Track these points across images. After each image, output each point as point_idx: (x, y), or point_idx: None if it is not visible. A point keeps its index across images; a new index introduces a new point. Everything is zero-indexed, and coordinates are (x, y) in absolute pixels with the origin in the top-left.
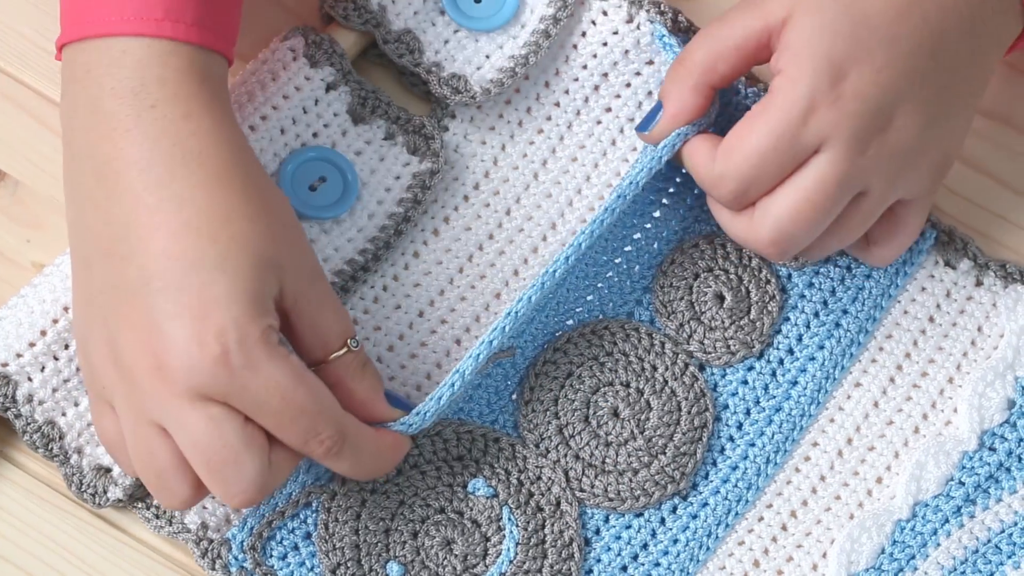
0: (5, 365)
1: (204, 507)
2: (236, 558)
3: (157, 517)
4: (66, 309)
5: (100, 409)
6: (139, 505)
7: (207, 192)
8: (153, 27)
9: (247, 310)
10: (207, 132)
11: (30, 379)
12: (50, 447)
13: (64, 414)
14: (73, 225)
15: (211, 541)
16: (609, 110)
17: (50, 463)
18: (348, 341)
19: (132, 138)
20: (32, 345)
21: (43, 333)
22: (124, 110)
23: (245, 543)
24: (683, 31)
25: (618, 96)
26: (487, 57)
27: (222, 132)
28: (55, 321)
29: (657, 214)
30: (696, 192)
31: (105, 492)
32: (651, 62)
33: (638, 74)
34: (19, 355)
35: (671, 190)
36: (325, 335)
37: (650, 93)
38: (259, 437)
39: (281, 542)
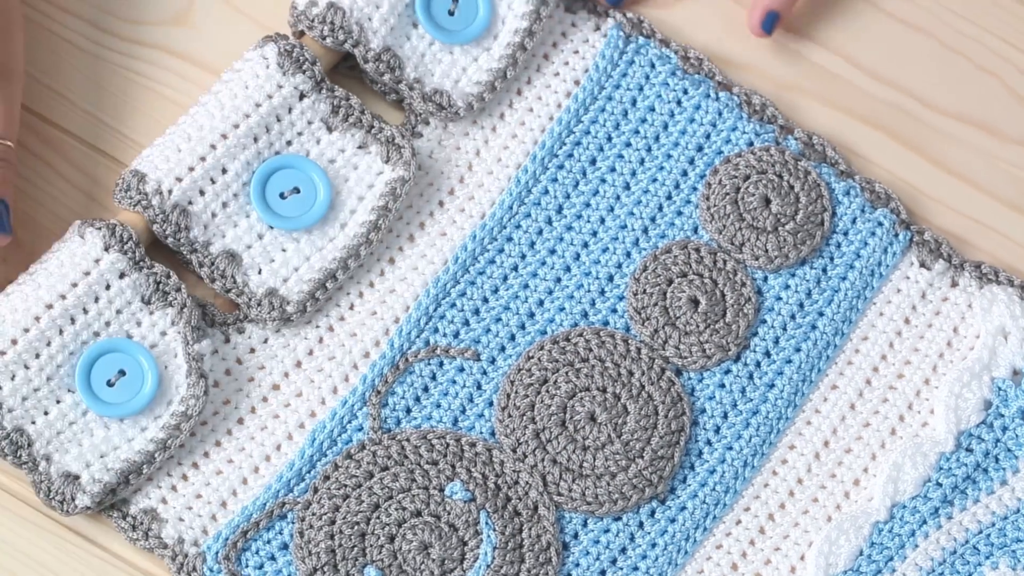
0: None
1: (181, 520)
2: (211, 569)
3: (133, 528)
4: (37, 319)
5: None
6: (114, 515)
7: None
8: None
9: None
10: None
11: (0, 387)
12: (19, 454)
13: (33, 422)
14: None
15: (186, 555)
16: None
17: (22, 475)
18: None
19: None
20: (2, 354)
21: (14, 342)
22: None
23: (219, 553)
24: (647, 37)
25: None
26: (464, 70)
27: None
28: (26, 330)
29: (627, 222)
30: (668, 198)
31: (73, 499)
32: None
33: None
34: None
35: (641, 197)
36: None
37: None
38: None
39: (257, 552)
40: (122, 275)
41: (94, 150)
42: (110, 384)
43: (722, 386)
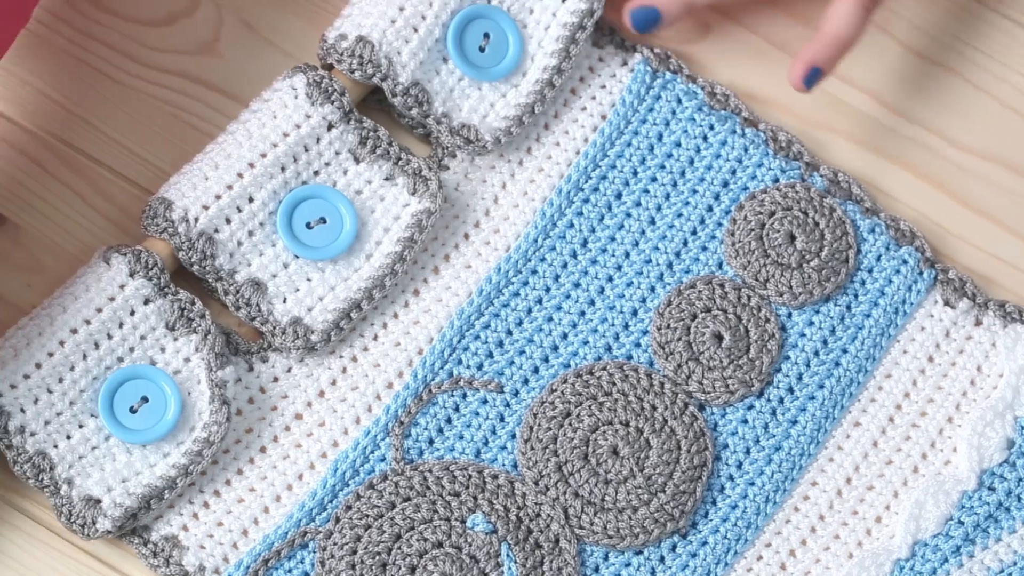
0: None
1: (202, 547)
2: None
3: (154, 555)
4: (62, 343)
5: None
6: (135, 540)
7: None
8: None
9: None
10: None
11: (23, 410)
12: (40, 477)
13: (56, 446)
14: None
15: None
16: None
17: (43, 500)
18: None
19: None
20: (26, 378)
21: (38, 366)
22: None
23: None
24: (674, 72)
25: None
26: (491, 105)
27: None
28: (50, 355)
29: (652, 257)
30: (693, 233)
31: (94, 523)
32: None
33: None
34: (13, 386)
35: (666, 232)
36: None
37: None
38: None
39: None
40: (147, 301)
41: (120, 177)
42: (133, 410)
43: (745, 422)
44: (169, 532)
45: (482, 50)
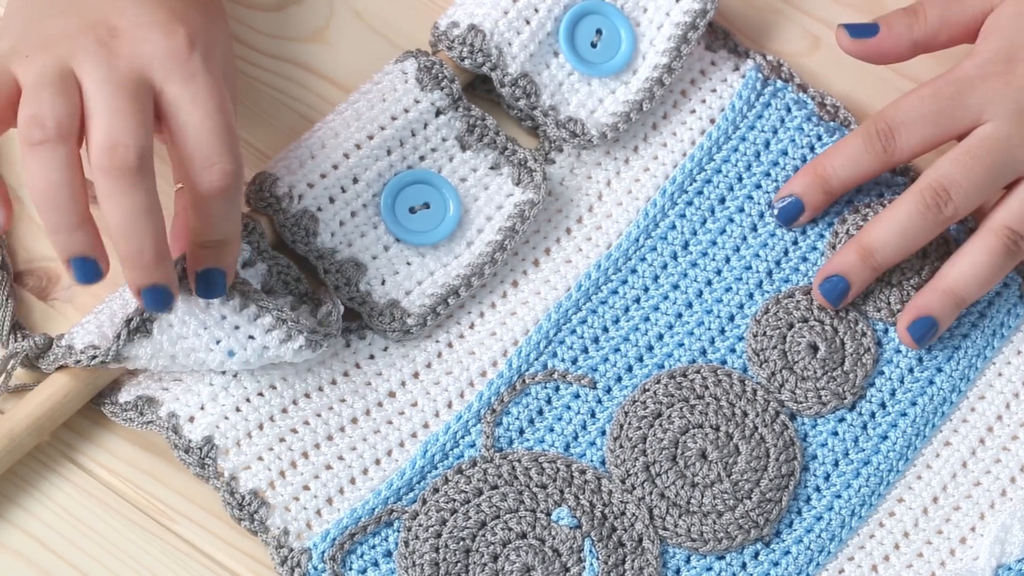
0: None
1: (287, 509)
2: (315, 567)
3: (240, 508)
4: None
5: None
6: (222, 491)
7: None
8: None
9: (218, 31)
10: None
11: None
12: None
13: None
14: None
15: (291, 549)
16: None
17: (132, 478)
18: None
19: None
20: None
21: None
22: None
23: (326, 553)
24: (786, 81)
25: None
26: (600, 101)
27: None
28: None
29: (752, 263)
30: (794, 243)
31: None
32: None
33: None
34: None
35: (767, 239)
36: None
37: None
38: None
39: (362, 556)
40: (439, 113)
41: None
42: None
43: (835, 434)
44: (256, 485)
45: (594, 45)
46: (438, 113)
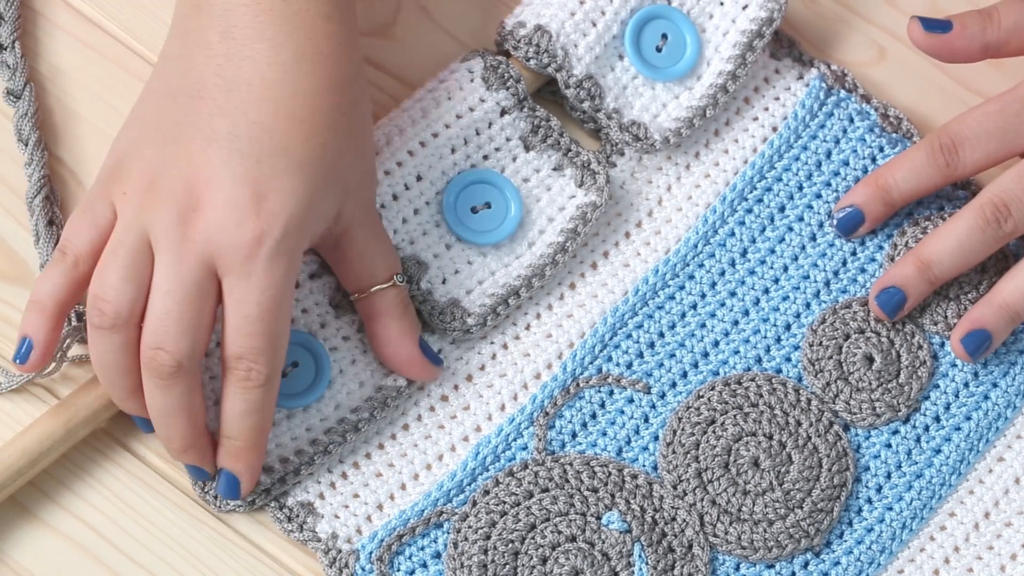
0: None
1: (336, 516)
2: (363, 568)
3: (289, 520)
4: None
5: (92, 210)
6: (271, 505)
7: (320, 94)
8: None
9: (302, 214)
10: (341, 39)
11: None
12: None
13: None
14: (171, 59)
15: (339, 551)
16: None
17: (180, 466)
18: (395, 276)
19: (271, 18)
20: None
21: (399, 164)
22: None
23: (374, 554)
24: (849, 91)
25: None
26: (664, 106)
27: (352, 44)
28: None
29: (810, 273)
30: (853, 254)
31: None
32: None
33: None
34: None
35: (826, 249)
36: (372, 266)
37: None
38: (208, 326)
39: (410, 558)
40: (504, 112)
41: None
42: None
43: (888, 446)
44: (305, 499)
45: (659, 50)
46: (503, 113)
